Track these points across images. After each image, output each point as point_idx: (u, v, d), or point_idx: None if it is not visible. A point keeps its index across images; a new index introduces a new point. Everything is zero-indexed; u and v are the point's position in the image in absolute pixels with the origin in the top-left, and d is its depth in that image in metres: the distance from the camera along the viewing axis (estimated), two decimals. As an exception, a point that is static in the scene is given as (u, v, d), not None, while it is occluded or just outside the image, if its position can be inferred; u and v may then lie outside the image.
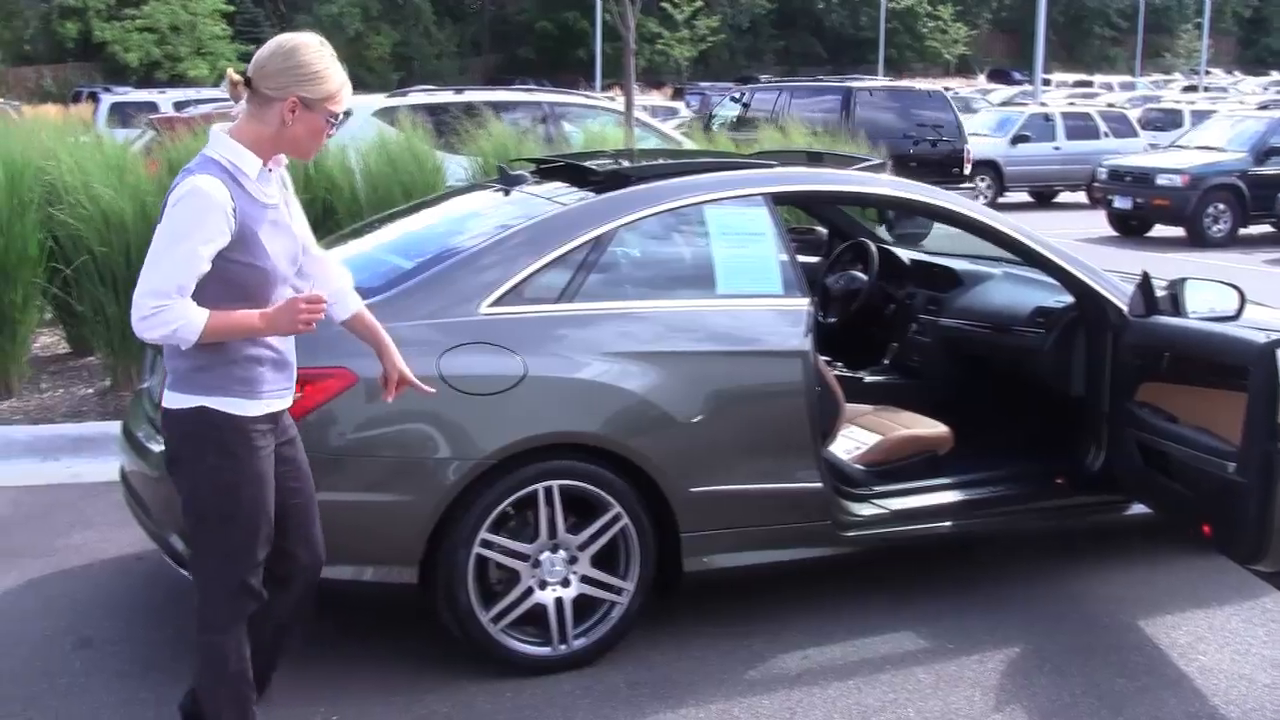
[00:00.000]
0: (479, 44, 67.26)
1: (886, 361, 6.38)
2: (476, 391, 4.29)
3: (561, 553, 4.48)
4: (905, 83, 26.19)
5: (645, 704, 4.35)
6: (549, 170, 5.47)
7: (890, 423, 5.61)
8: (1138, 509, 5.34)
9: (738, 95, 22.35)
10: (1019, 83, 62.41)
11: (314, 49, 3.44)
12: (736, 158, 5.59)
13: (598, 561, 4.53)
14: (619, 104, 13.06)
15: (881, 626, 4.97)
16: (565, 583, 4.49)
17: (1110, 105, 28.34)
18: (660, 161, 5.18)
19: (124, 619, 5.01)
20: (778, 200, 5.01)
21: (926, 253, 6.62)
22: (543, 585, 4.46)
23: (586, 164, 5.22)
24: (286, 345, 3.59)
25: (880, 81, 23.86)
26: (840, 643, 4.83)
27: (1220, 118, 21.57)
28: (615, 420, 4.47)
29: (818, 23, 77.50)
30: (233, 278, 3.39)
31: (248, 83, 3.42)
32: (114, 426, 6.83)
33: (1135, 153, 22.40)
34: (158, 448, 4.49)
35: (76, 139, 8.68)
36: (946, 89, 50.94)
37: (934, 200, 5.29)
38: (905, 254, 6.54)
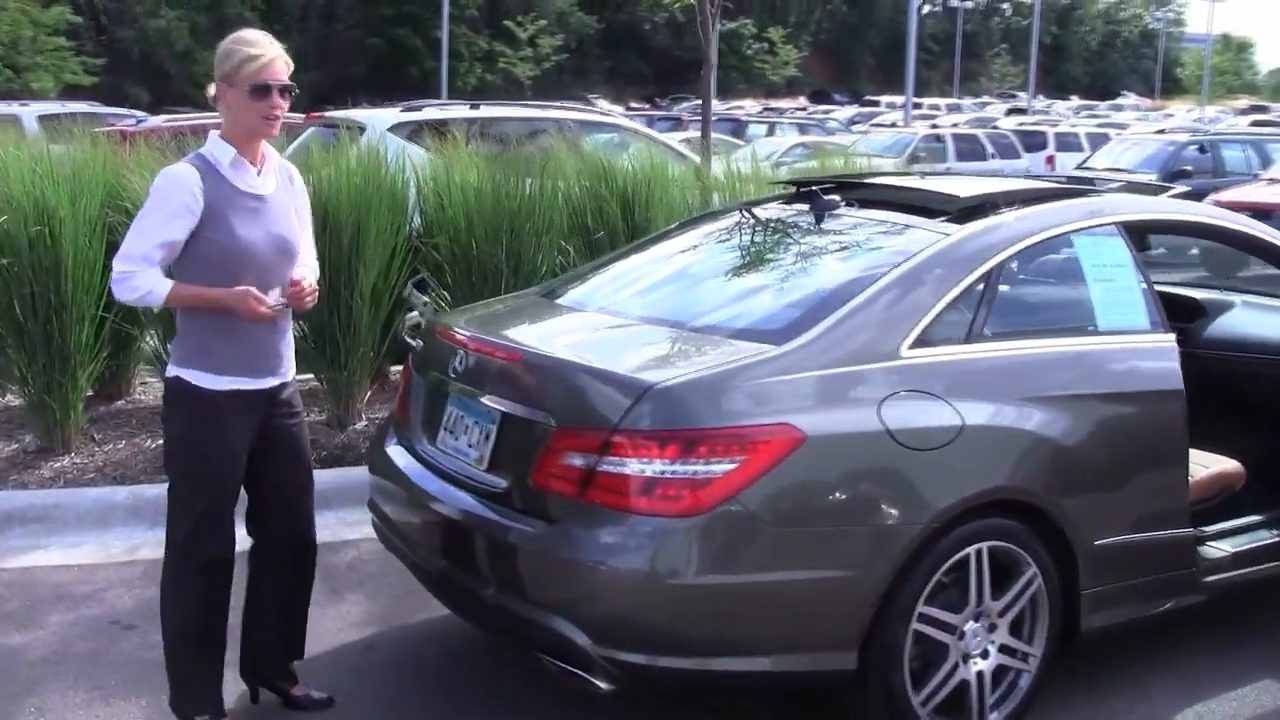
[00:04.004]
0: (305, 60, 65.55)
1: None
2: (921, 446, 3.82)
3: (982, 621, 4.04)
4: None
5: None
6: (859, 195, 4.97)
7: None
8: None
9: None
10: (840, 103, 63.69)
11: (234, 35, 3.93)
12: (1065, 183, 5.19)
13: (1011, 628, 4.11)
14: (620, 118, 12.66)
15: (1246, 677, 4.69)
16: (985, 654, 4.06)
17: (995, 128, 28.87)
18: (1010, 187, 4.75)
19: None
20: (1129, 229, 4.66)
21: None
22: (965, 659, 4.02)
23: (915, 187, 4.81)
24: (258, 333, 3.94)
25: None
26: (1216, 698, 4.54)
27: (1121, 141, 22.00)
28: (1041, 473, 4.07)
29: (644, 44, 77.72)
30: (205, 253, 3.85)
31: None
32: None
33: (1023, 175, 22.71)
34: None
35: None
36: (770, 109, 51.60)
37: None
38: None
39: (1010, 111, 51.81)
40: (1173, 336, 4.53)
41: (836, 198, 4.83)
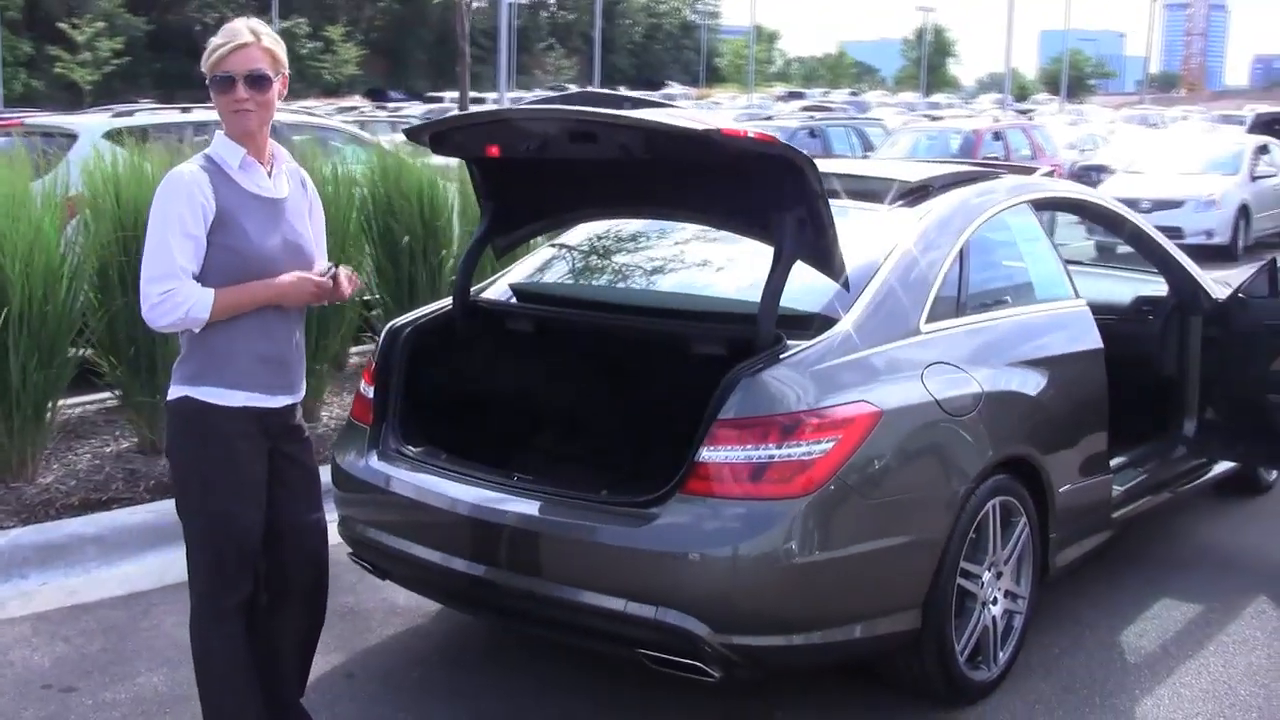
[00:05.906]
0: None
1: None
2: (959, 413, 4.16)
3: (993, 570, 4.41)
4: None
5: (1114, 703, 4.41)
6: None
7: None
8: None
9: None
10: (399, 101, 63.55)
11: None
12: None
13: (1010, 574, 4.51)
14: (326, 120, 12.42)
15: (1149, 598, 5.30)
16: (994, 601, 4.43)
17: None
18: (934, 172, 5.07)
19: None
20: (1036, 207, 5.16)
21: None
22: (983, 606, 4.37)
23: (850, 173, 5.12)
24: (280, 343, 3.66)
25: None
26: (1139, 620, 5.10)
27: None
28: (1034, 430, 4.53)
29: (194, 46, 74.59)
30: (220, 263, 3.52)
31: None
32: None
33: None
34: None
35: None
36: (347, 109, 51.08)
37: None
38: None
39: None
40: (1085, 301, 5.04)
41: None
